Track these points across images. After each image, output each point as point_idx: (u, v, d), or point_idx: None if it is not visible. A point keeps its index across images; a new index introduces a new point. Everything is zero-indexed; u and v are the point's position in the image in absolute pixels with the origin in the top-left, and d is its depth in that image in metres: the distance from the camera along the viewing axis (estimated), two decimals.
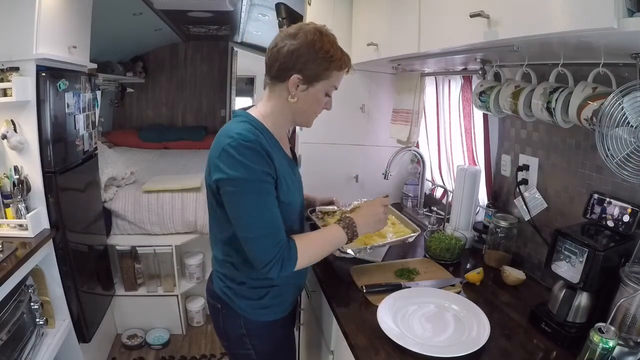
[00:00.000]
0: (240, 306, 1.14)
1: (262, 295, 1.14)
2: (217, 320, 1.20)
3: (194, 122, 4.98)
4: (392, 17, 1.57)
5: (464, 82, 1.74)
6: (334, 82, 1.08)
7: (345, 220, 1.14)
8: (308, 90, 1.05)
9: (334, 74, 1.05)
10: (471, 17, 0.96)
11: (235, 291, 1.14)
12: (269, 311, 1.17)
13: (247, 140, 0.96)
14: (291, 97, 1.05)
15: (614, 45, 0.87)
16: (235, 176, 0.95)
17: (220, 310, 1.17)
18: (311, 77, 1.03)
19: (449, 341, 1.02)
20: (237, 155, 0.94)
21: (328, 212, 1.44)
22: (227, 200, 0.99)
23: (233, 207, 0.99)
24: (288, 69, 1.02)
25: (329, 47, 1.02)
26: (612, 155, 0.89)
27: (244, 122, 1.04)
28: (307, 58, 1.00)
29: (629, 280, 0.89)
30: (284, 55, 1.01)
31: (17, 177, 1.66)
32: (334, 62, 1.03)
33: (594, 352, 0.84)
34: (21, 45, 1.60)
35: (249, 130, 1.00)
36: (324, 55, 1.01)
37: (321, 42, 1.01)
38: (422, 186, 2.06)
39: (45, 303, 1.80)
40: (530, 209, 1.38)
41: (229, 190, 0.97)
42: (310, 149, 2.08)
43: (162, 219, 2.64)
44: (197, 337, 2.73)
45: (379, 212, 1.20)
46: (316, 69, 1.02)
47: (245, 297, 1.13)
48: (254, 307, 1.14)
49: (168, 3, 2.98)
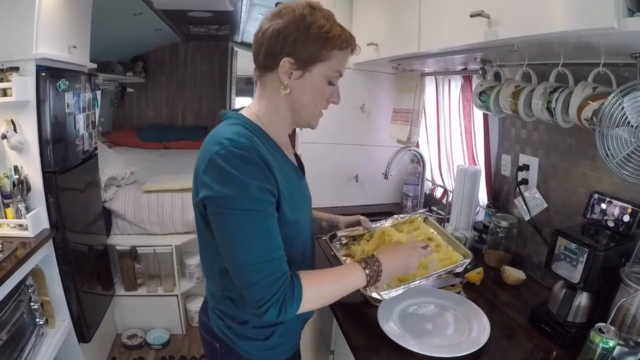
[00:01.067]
0: (243, 348, 0.96)
1: (269, 335, 0.96)
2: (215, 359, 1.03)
3: (194, 122, 4.98)
4: (392, 17, 1.57)
5: (464, 82, 1.74)
6: (336, 66, 0.86)
7: (368, 260, 0.93)
8: (304, 76, 0.85)
9: (334, 54, 0.84)
10: (471, 17, 0.96)
11: (237, 332, 0.95)
12: (277, 352, 1.00)
13: (239, 147, 0.77)
14: (283, 88, 0.85)
15: (614, 45, 0.87)
16: (224, 193, 0.76)
17: (219, 349, 0.99)
18: (305, 58, 0.83)
19: (449, 341, 1.02)
20: (226, 167, 0.76)
21: (354, 236, 1.24)
22: (214, 222, 0.80)
23: (221, 231, 0.80)
24: (275, 53, 0.83)
25: (323, 22, 0.82)
26: (612, 155, 0.89)
27: (235, 124, 0.86)
28: (296, 36, 0.81)
29: (629, 280, 0.89)
30: (269, 37, 0.83)
31: (17, 177, 1.66)
32: (332, 39, 0.83)
33: (594, 352, 0.84)
34: (21, 45, 1.59)
35: (241, 134, 0.81)
36: (318, 30, 0.81)
37: (313, 16, 0.82)
38: (422, 186, 2.06)
39: (45, 303, 1.80)
40: (530, 209, 1.38)
41: (217, 211, 0.78)
42: (310, 149, 2.08)
43: (162, 219, 2.64)
44: (197, 337, 2.69)
45: (411, 255, 0.99)
46: (309, 47, 0.82)
47: (249, 339, 0.96)
48: (259, 349, 0.97)
49: (168, 3, 2.98)
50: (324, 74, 0.87)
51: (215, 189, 0.77)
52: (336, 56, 0.86)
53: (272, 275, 0.78)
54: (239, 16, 3.59)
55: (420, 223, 1.37)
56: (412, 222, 1.37)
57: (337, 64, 0.87)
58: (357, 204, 2.22)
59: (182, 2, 3.01)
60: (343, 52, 0.86)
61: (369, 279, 0.91)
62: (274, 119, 0.91)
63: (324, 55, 0.84)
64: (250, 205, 0.78)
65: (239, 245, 0.78)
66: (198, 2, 3.01)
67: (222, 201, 0.77)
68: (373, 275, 0.91)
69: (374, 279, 0.92)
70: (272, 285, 0.78)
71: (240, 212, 0.77)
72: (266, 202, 0.80)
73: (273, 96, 0.89)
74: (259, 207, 0.79)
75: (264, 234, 0.79)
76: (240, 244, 0.78)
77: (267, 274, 0.78)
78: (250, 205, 0.78)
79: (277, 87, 0.87)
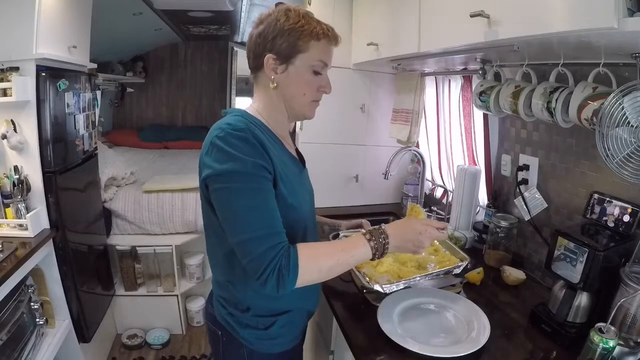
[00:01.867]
0: (244, 336, 0.99)
1: (269, 325, 0.99)
2: (217, 347, 1.06)
3: (194, 122, 4.98)
4: (392, 17, 1.57)
5: (464, 82, 1.74)
6: (317, 55, 0.92)
7: (374, 232, 0.92)
8: (288, 70, 0.92)
9: (312, 45, 0.91)
10: (471, 17, 0.96)
11: (239, 319, 0.99)
12: (277, 342, 1.02)
13: (236, 130, 0.84)
14: (271, 83, 0.93)
15: (614, 45, 0.87)
16: (224, 169, 0.82)
17: (221, 337, 1.04)
18: (285, 52, 0.91)
19: (449, 341, 1.02)
20: (225, 147, 0.82)
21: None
22: (215, 199, 0.86)
23: (222, 206, 0.85)
24: (260, 53, 0.92)
25: (297, 20, 0.90)
26: (612, 155, 0.89)
27: (236, 116, 0.93)
28: (273, 34, 0.90)
29: (629, 280, 0.89)
30: (254, 41, 0.93)
31: (17, 177, 1.66)
32: (305, 31, 0.90)
33: (594, 352, 0.84)
34: (21, 45, 1.59)
35: (240, 120, 0.88)
36: (292, 26, 0.90)
37: (286, 17, 0.91)
38: (422, 186, 2.06)
39: (45, 303, 1.80)
40: (530, 209, 1.38)
41: (217, 187, 0.84)
42: (310, 148, 2.08)
43: (162, 219, 2.64)
44: (197, 337, 2.72)
45: (422, 231, 0.94)
46: (287, 41, 0.90)
47: (249, 327, 0.99)
48: (260, 338, 1.00)
49: (168, 3, 2.98)
50: (307, 64, 0.93)
51: (214, 167, 0.83)
52: (315, 46, 0.92)
53: (268, 244, 0.81)
54: (239, 16, 3.59)
55: None
56: None
57: (317, 53, 0.92)
58: (357, 204, 2.22)
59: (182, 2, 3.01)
60: (321, 42, 0.92)
61: (374, 251, 0.90)
62: (272, 114, 0.98)
63: (302, 47, 0.91)
64: (247, 179, 0.82)
65: (239, 218, 0.83)
66: (198, 2, 3.01)
67: (221, 177, 0.83)
68: (379, 248, 0.90)
69: (380, 252, 0.91)
70: (265, 255, 0.81)
71: (239, 185, 0.82)
72: (263, 177, 0.84)
73: (267, 93, 0.97)
74: (256, 182, 0.84)
75: (262, 206, 0.83)
76: (240, 216, 0.82)
77: (265, 245, 0.81)
78: (247, 179, 0.82)
79: (268, 84, 0.95)
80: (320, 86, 0.96)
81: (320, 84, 0.96)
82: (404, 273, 1.14)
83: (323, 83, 0.97)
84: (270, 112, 0.98)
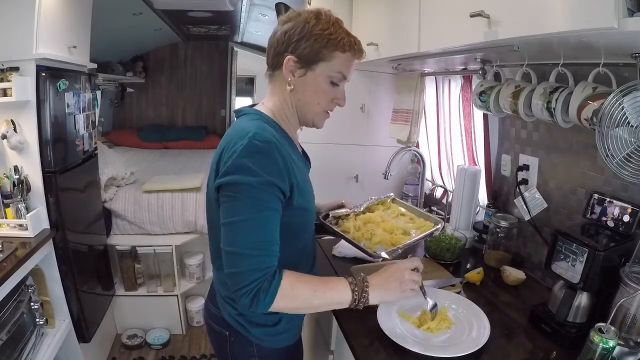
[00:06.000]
0: (254, 334, 1.00)
1: (277, 321, 1.01)
2: (223, 347, 1.06)
3: (194, 122, 4.98)
4: (392, 17, 1.57)
5: (464, 82, 1.74)
6: (338, 67, 0.91)
7: (358, 279, 0.92)
8: (306, 75, 0.91)
9: (336, 55, 0.89)
10: (471, 17, 0.96)
11: (249, 318, 0.99)
12: (284, 337, 1.05)
13: (262, 141, 0.83)
14: (288, 85, 0.92)
15: (614, 45, 0.87)
16: (237, 180, 0.81)
17: (228, 337, 1.03)
18: (307, 57, 0.89)
19: (449, 341, 1.02)
20: (245, 159, 0.82)
21: (341, 216, 1.31)
22: (222, 204, 0.86)
23: (225, 213, 0.84)
24: (281, 52, 0.90)
25: (327, 26, 0.88)
26: (612, 155, 0.89)
27: (257, 119, 0.92)
28: (299, 36, 0.88)
29: (629, 280, 0.89)
30: (277, 38, 0.91)
31: (17, 177, 1.66)
32: (333, 40, 0.88)
33: (594, 352, 0.84)
34: (21, 45, 1.59)
35: (265, 129, 0.87)
36: (320, 32, 0.87)
37: (317, 20, 0.88)
38: (422, 186, 2.06)
39: (45, 303, 1.80)
40: (530, 209, 1.38)
41: (227, 194, 0.84)
42: (310, 148, 2.05)
43: (162, 219, 2.64)
44: (197, 337, 2.72)
45: (404, 279, 0.95)
46: (311, 46, 0.88)
47: (260, 325, 1.00)
48: (269, 334, 1.01)
49: (168, 3, 2.98)
50: (326, 74, 0.91)
51: (231, 175, 0.82)
52: (338, 58, 0.90)
53: (256, 265, 0.81)
54: (239, 16, 3.60)
55: (390, 204, 1.43)
56: (384, 204, 1.43)
57: (339, 65, 0.91)
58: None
59: (182, 2, 3.02)
60: (346, 55, 0.91)
61: (354, 291, 0.90)
62: (286, 115, 0.97)
63: (326, 55, 0.89)
64: (256, 195, 0.82)
65: (237, 229, 0.83)
66: (198, 2, 3.02)
67: (233, 187, 0.82)
68: (358, 291, 0.90)
69: (359, 297, 0.90)
70: (250, 275, 0.81)
71: (246, 199, 0.82)
72: (273, 196, 0.84)
73: (282, 93, 0.95)
74: (265, 199, 0.83)
75: (262, 225, 0.83)
76: (238, 228, 0.82)
77: (251, 263, 0.81)
78: (256, 195, 0.82)
79: (285, 85, 0.93)
80: (336, 98, 0.96)
81: (336, 95, 0.95)
82: (395, 240, 1.16)
83: (339, 95, 0.96)
84: (284, 113, 0.97)
